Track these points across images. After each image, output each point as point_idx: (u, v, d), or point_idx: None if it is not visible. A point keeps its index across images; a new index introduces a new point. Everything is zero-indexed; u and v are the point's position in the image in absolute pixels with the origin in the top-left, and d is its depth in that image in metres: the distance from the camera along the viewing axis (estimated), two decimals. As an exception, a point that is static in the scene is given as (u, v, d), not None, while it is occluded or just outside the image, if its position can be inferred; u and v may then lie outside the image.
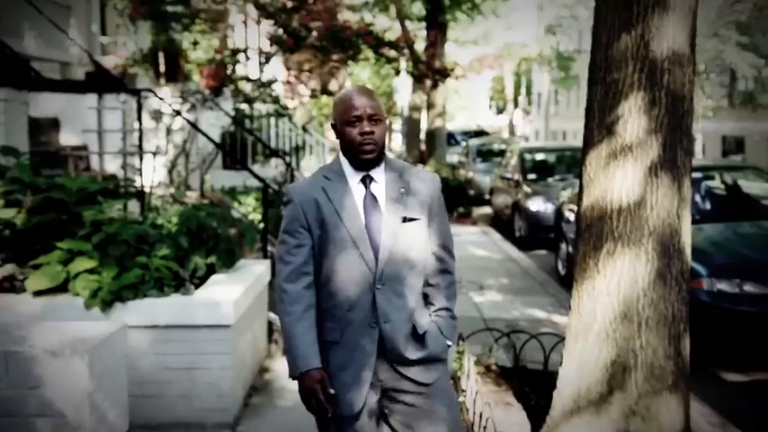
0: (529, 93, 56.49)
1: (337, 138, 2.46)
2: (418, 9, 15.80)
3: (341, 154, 2.48)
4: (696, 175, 7.87)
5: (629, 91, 3.33)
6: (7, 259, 4.59)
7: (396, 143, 38.69)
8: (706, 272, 5.95)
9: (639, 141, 3.32)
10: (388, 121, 2.48)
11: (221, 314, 4.24)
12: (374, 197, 2.43)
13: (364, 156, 2.39)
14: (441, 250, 2.53)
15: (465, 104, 60.89)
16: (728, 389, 5.54)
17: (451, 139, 25.15)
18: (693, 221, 6.83)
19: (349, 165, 2.45)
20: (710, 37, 24.25)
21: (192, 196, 7.42)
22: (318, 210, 2.40)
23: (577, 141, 47.78)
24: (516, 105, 57.29)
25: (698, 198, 7.29)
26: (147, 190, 6.83)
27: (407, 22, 18.99)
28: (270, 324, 5.66)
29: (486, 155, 19.64)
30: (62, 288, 4.28)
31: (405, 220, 2.42)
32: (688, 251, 3.50)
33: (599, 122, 3.46)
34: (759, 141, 27.34)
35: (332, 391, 2.36)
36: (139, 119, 6.55)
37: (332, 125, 2.48)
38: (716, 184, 7.58)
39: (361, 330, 2.40)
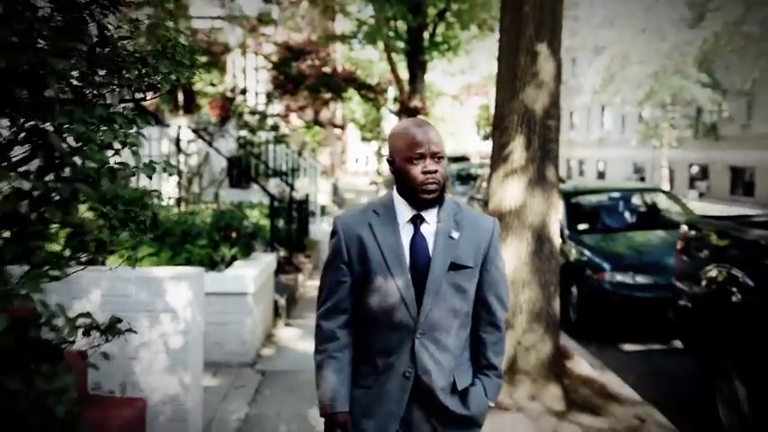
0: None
1: (393, 173, 2.29)
2: (403, 45, 17.73)
3: (395, 190, 2.32)
4: (611, 195, 9.83)
5: (515, 134, 5.18)
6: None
7: (384, 167, 40.61)
8: (609, 267, 7.79)
9: (522, 167, 5.17)
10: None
11: (244, 285, 6.03)
12: (424, 239, 2.27)
13: (427, 195, 2.21)
14: (494, 301, 2.36)
15: (453, 131, 63.01)
16: (626, 356, 7.33)
17: (435, 164, 27.00)
18: (603, 231, 8.77)
19: (402, 202, 2.28)
20: (674, 73, 26.43)
21: (208, 208, 9.21)
22: (362, 246, 2.25)
23: (561, 168, 49.64)
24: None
25: (608, 213, 9.24)
26: (173, 201, 8.64)
27: (394, 54, 20.96)
28: (275, 302, 7.46)
29: (464, 179, 21.49)
30: (132, 266, 6.07)
31: (453, 266, 2.25)
32: (555, 238, 5.31)
33: (497, 155, 5.31)
34: (721, 169, 29.46)
35: None
36: (177, 146, 8.36)
37: (388, 160, 2.31)
38: (623, 202, 9.50)
39: (395, 379, 2.25)
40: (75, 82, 1.40)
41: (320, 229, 12.20)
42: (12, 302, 1.56)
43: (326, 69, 12.89)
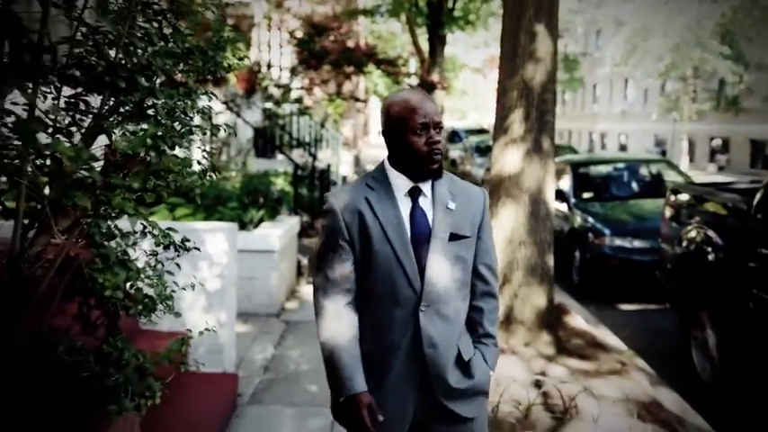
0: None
1: (392, 146, 2.25)
2: (423, 19, 18.14)
3: (386, 162, 2.28)
4: (616, 165, 10.33)
5: (514, 107, 5.73)
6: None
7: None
8: (609, 232, 8.33)
9: (521, 137, 5.72)
10: None
11: (271, 243, 6.68)
12: (422, 210, 2.24)
13: (432, 166, 2.20)
14: (486, 271, 2.37)
15: (477, 103, 63.13)
16: (621, 314, 7.89)
17: (456, 136, 27.43)
18: (607, 199, 9.30)
19: (398, 174, 2.25)
20: (695, 46, 26.51)
21: (237, 175, 9.85)
22: (362, 222, 2.20)
23: (583, 141, 48.95)
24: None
25: (612, 183, 9.76)
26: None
27: (416, 27, 21.41)
28: (298, 262, 8.12)
29: (483, 150, 21.91)
30: (170, 225, 6.76)
31: (453, 236, 2.24)
32: (550, 201, 5.88)
33: (499, 126, 5.87)
34: (742, 142, 29.58)
35: (381, 417, 2.17)
36: (209, 117, 8.96)
37: (384, 132, 2.27)
38: (627, 172, 10.00)
39: (403, 355, 2.21)
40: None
41: (341, 198, 12.82)
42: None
43: (349, 44, 13.43)
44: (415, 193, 2.24)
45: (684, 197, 6.00)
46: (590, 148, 45.55)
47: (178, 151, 2.28)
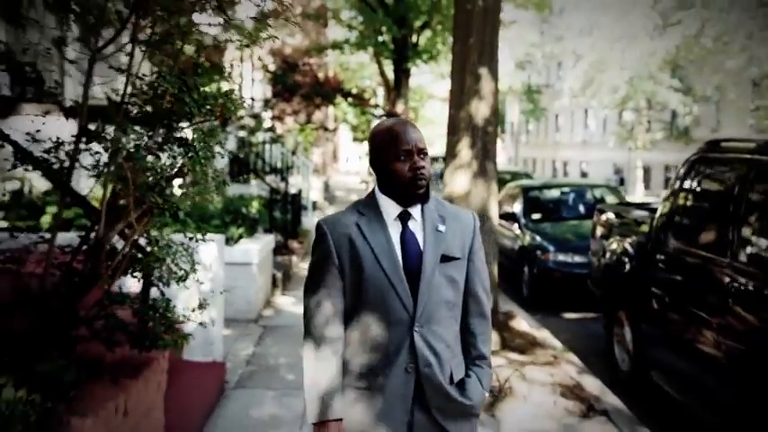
0: (502, 122, 60.19)
1: (379, 172, 2.33)
2: (388, 53, 19.22)
3: (377, 189, 2.35)
4: (563, 189, 11.36)
5: (462, 137, 6.67)
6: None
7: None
8: (553, 249, 9.31)
9: (467, 162, 6.66)
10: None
11: (250, 256, 7.51)
12: (413, 234, 2.31)
13: (417, 191, 2.27)
14: (480, 291, 2.40)
15: (443, 132, 64.68)
16: (563, 321, 8.83)
17: (421, 163, 28.43)
18: (553, 220, 10.28)
19: (387, 200, 2.32)
20: (648, 79, 28.05)
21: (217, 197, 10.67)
22: (352, 247, 2.27)
23: (546, 168, 50.05)
24: (490, 134, 60.59)
25: (558, 205, 10.81)
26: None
27: (383, 59, 22.45)
28: (273, 275, 8.94)
29: (442, 176, 22.99)
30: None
31: (444, 258, 2.30)
32: (494, 217, 6.80)
33: (450, 152, 6.81)
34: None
35: None
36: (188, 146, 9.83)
37: (371, 159, 2.36)
38: (572, 196, 11.05)
39: (398, 376, 2.26)
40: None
41: (311, 222, 13.69)
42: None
43: (320, 75, 14.38)
44: (404, 218, 2.31)
45: (608, 216, 6.98)
46: (553, 175, 46.98)
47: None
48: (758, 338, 3.99)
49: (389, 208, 2.31)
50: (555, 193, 11.30)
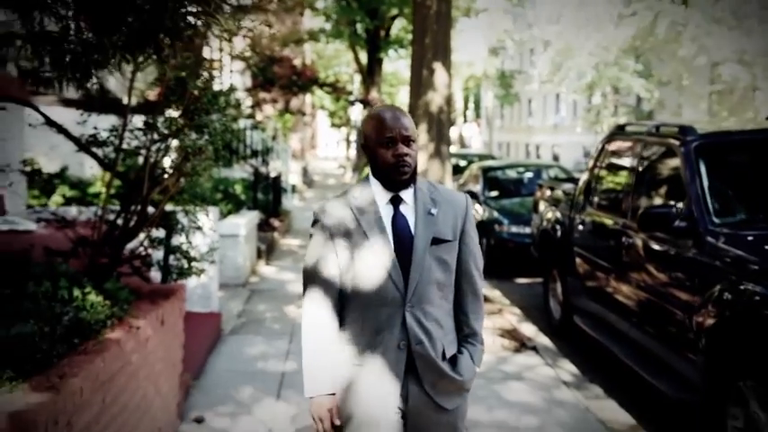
0: (477, 107, 61.44)
1: (368, 157, 2.41)
2: (362, 43, 20.24)
3: (370, 174, 2.44)
4: (518, 169, 12.54)
5: (420, 123, 7.78)
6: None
7: (351, 153, 43.07)
8: (507, 221, 10.48)
9: (424, 145, 7.78)
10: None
11: (237, 229, 8.59)
12: (404, 217, 2.38)
13: (399, 177, 2.34)
14: (471, 271, 2.48)
15: (419, 117, 65.64)
16: (516, 285, 10.01)
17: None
18: (509, 196, 11.43)
19: (379, 185, 2.40)
20: (613, 65, 29.29)
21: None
22: (346, 230, 2.36)
23: (520, 152, 51.17)
24: (465, 119, 61.99)
25: (513, 183, 11.99)
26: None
27: (358, 47, 23.48)
28: (258, 247, 10.04)
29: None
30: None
31: (435, 240, 2.37)
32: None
33: (409, 137, 7.93)
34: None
35: (338, 422, 2.38)
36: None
37: (362, 145, 2.45)
38: (526, 175, 12.25)
39: (390, 353, 2.34)
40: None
41: (291, 203, 14.78)
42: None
43: (296, 63, 15.38)
44: (396, 202, 2.38)
45: (545, 190, 8.15)
46: (526, 158, 48.31)
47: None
48: (647, 284, 5.12)
49: (381, 192, 2.39)
50: (512, 173, 12.48)
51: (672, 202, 4.94)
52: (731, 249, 4.27)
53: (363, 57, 23.46)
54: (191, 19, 3.12)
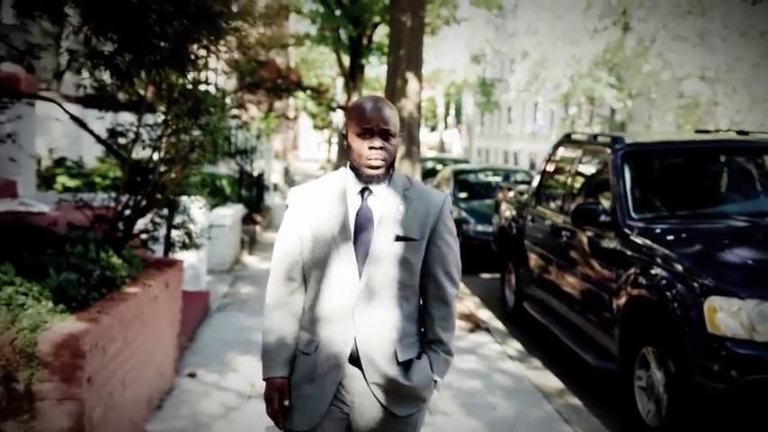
0: (458, 113, 62.41)
1: (346, 146, 2.36)
2: (345, 49, 21.07)
3: (348, 163, 2.37)
4: (486, 173, 13.41)
5: (393, 128, 8.60)
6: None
7: (333, 155, 43.80)
8: (474, 221, 11.34)
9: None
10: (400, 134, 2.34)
11: (223, 219, 9.36)
12: (369, 210, 2.30)
13: (369, 170, 2.27)
14: (441, 276, 2.37)
15: (400, 120, 66.35)
16: (480, 279, 10.85)
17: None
18: (477, 198, 12.29)
19: (352, 175, 2.33)
20: (587, 76, 30.37)
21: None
22: (312, 217, 2.32)
23: (498, 158, 51.97)
24: (446, 125, 62.95)
25: (481, 186, 12.86)
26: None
27: (342, 53, 24.30)
28: (242, 239, 10.81)
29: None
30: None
31: (398, 238, 2.28)
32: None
33: (383, 139, 8.76)
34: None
35: (286, 402, 2.34)
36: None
37: (342, 134, 2.46)
38: (492, 178, 13.13)
39: (335, 346, 2.29)
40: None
41: (272, 200, 15.56)
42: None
43: (281, 66, 16.17)
44: (364, 193, 2.31)
45: (506, 192, 9.01)
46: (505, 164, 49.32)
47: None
48: (580, 272, 5.97)
49: (353, 182, 2.33)
50: (481, 176, 13.35)
51: (600, 201, 5.80)
52: (643, 240, 5.13)
53: (347, 61, 24.29)
54: (205, 42, 3.92)
